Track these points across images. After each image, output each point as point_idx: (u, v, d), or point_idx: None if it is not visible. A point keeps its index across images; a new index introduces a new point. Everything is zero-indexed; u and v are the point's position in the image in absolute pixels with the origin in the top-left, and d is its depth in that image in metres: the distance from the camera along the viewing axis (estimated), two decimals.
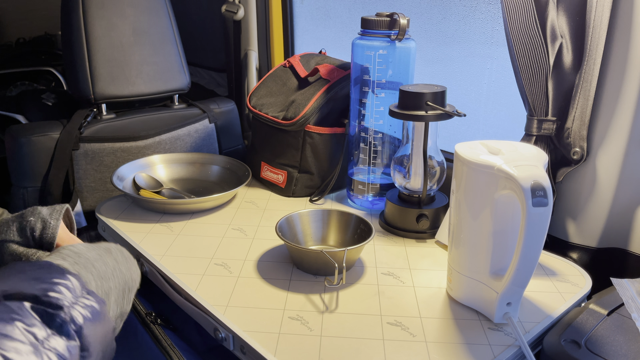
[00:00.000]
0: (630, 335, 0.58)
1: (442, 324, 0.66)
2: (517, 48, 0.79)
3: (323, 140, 1.02)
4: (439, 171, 0.88)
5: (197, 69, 1.73)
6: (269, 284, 0.74)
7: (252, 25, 1.42)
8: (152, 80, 1.15)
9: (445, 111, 0.81)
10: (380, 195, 0.98)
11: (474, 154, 0.63)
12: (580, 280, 0.75)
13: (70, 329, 0.41)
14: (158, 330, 0.76)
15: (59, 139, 1.04)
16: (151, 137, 1.14)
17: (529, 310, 0.68)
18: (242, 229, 0.90)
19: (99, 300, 0.45)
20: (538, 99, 0.81)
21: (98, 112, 1.12)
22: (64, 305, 0.41)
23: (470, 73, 1.09)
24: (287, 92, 1.07)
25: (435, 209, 0.87)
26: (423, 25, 1.13)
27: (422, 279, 0.76)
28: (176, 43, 1.20)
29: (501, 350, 0.60)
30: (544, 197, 0.56)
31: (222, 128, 1.27)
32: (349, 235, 0.82)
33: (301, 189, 1.03)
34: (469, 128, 1.12)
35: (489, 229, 0.63)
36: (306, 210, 0.83)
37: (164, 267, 0.78)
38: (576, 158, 0.81)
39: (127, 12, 1.12)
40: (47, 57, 2.10)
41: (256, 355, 0.60)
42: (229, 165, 1.11)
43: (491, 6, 1.01)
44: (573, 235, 0.85)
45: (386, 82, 0.91)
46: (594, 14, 0.74)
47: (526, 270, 0.60)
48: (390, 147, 0.96)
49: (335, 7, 1.37)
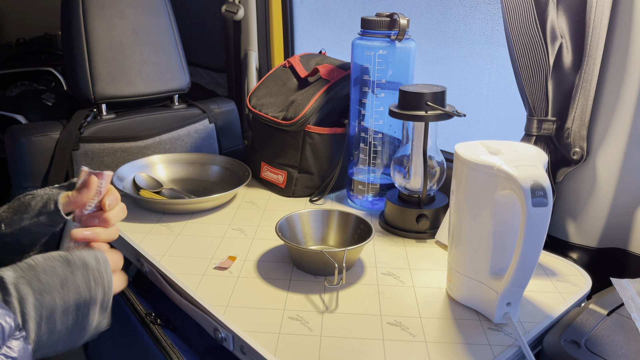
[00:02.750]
0: (630, 335, 0.58)
1: (442, 324, 0.66)
2: (517, 48, 0.79)
3: (323, 140, 1.02)
4: (438, 171, 0.88)
5: (197, 69, 1.73)
6: (269, 284, 0.74)
7: (252, 25, 1.42)
8: (152, 80, 1.15)
9: (445, 111, 0.81)
10: (380, 195, 0.98)
11: (474, 154, 0.63)
12: (580, 281, 0.75)
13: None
14: (158, 331, 0.76)
15: (59, 139, 1.04)
16: (151, 137, 1.14)
17: (529, 310, 0.68)
18: (242, 229, 0.90)
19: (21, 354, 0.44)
20: (538, 99, 0.81)
21: (98, 112, 1.12)
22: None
23: (470, 73, 1.09)
24: (287, 92, 1.07)
25: (435, 209, 0.87)
26: (423, 25, 1.13)
27: (422, 279, 0.76)
28: (176, 43, 1.20)
29: (501, 350, 0.60)
30: (544, 197, 0.56)
31: (222, 128, 1.27)
32: (349, 236, 0.82)
33: (301, 189, 1.03)
34: (469, 128, 1.12)
35: (489, 229, 0.63)
36: (306, 211, 0.83)
37: (163, 267, 0.78)
38: (576, 158, 0.81)
39: (127, 12, 1.12)
40: (47, 57, 2.10)
41: (256, 355, 0.60)
42: (229, 165, 1.11)
43: (491, 6, 1.01)
44: (573, 235, 0.85)
45: (386, 82, 0.91)
46: (594, 14, 0.74)
47: (526, 270, 0.60)
48: (390, 147, 0.96)
49: (335, 7, 1.37)
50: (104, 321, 0.54)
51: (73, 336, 0.51)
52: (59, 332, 0.49)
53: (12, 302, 0.46)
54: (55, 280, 0.49)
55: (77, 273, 0.51)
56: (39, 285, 0.48)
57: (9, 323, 0.44)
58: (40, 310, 0.48)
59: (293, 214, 0.82)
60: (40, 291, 0.48)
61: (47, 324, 0.48)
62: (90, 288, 0.51)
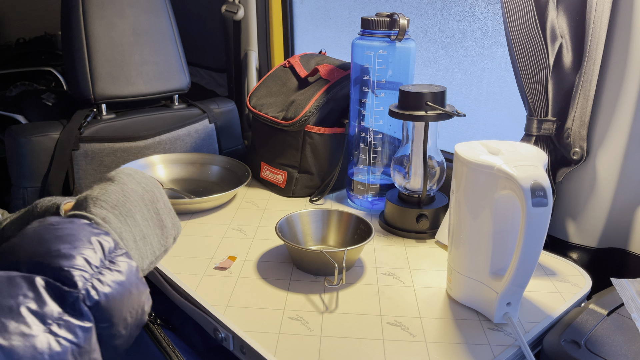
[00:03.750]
0: (630, 335, 0.58)
1: (442, 324, 0.66)
2: (517, 48, 0.79)
3: (323, 140, 1.02)
4: (438, 171, 0.88)
5: (197, 69, 1.73)
6: (269, 284, 0.74)
7: (252, 25, 1.42)
8: (152, 80, 1.15)
9: (445, 111, 0.81)
10: (380, 196, 0.98)
11: (474, 154, 0.63)
12: (580, 281, 0.75)
13: (84, 308, 0.39)
14: (157, 331, 0.76)
15: (59, 139, 1.04)
16: (151, 137, 1.14)
17: (528, 310, 0.68)
18: (242, 229, 0.90)
19: (127, 267, 0.44)
20: (538, 99, 0.81)
21: (98, 112, 1.12)
22: (78, 282, 0.40)
23: (470, 73, 1.09)
24: (287, 92, 1.07)
25: (435, 209, 0.87)
26: (423, 25, 1.13)
27: (422, 279, 0.76)
28: (176, 43, 1.20)
29: (501, 351, 0.60)
30: (544, 197, 0.56)
31: (222, 128, 1.27)
32: (349, 236, 0.82)
33: (301, 189, 1.03)
34: (469, 128, 1.12)
35: (489, 229, 0.63)
36: (306, 211, 0.83)
37: (164, 267, 0.78)
38: (576, 158, 0.81)
39: (127, 12, 1.12)
40: (47, 57, 2.10)
41: (256, 355, 0.60)
42: (229, 165, 1.11)
43: (491, 6, 1.01)
44: (573, 235, 0.85)
45: (386, 82, 0.91)
46: (594, 14, 0.74)
47: (526, 270, 0.60)
48: (390, 147, 0.96)
49: (335, 7, 1.37)
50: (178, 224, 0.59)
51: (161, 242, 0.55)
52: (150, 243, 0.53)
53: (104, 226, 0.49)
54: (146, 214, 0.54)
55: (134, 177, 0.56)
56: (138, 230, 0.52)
57: (107, 242, 0.45)
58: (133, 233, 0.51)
59: (293, 214, 0.82)
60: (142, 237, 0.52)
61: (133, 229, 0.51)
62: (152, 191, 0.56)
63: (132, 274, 0.45)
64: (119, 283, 0.43)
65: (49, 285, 0.39)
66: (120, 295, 0.42)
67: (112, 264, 0.44)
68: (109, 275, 0.42)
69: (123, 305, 0.43)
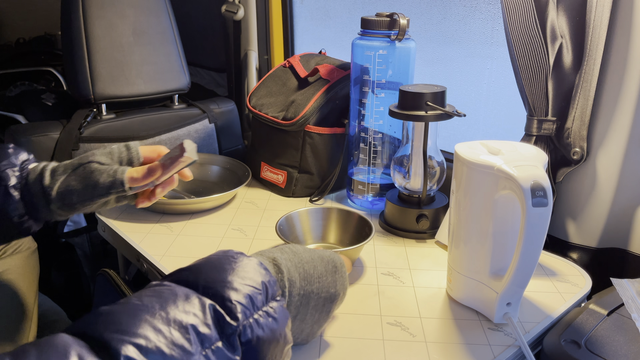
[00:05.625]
0: (630, 336, 0.58)
1: (442, 324, 0.66)
2: (517, 48, 0.79)
3: (323, 140, 1.02)
4: (438, 171, 0.88)
5: (197, 69, 1.73)
6: None
7: (252, 25, 1.42)
8: (152, 80, 1.15)
9: (445, 111, 0.81)
10: (380, 196, 0.98)
11: (474, 154, 0.63)
12: (580, 281, 0.75)
13: (237, 342, 0.42)
14: None
15: (59, 139, 1.04)
16: (151, 137, 1.14)
17: (529, 310, 0.68)
18: (242, 229, 0.90)
19: (282, 317, 0.46)
20: (538, 99, 0.81)
21: (98, 112, 1.12)
22: (240, 317, 0.42)
23: (470, 73, 1.09)
24: (287, 92, 1.07)
25: (435, 209, 0.87)
26: (423, 25, 1.13)
27: (422, 279, 0.76)
28: (176, 43, 1.20)
29: (501, 351, 0.60)
30: (544, 197, 0.56)
31: (222, 128, 1.27)
32: (349, 235, 0.82)
33: (301, 189, 1.03)
34: (469, 128, 1.12)
35: (489, 229, 0.63)
36: (306, 209, 0.83)
37: (164, 267, 0.78)
38: (576, 158, 0.81)
39: (127, 12, 1.12)
40: (47, 57, 2.10)
41: None
42: (228, 165, 1.11)
43: (491, 6, 1.01)
44: (573, 235, 0.85)
45: (386, 82, 0.91)
46: (594, 14, 0.74)
47: (526, 270, 0.60)
48: (390, 147, 0.96)
49: (335, 7, 1.37)
50: None
51: (314, 328, 0.56)
52: (306, 320, 0.54)
53: (283, 280, 0.50)
54: (315, 273, 0.54)
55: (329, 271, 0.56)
56: (304, 273, 0.53)
57: (272, 287, 0.47)
58: (301, 296, 0.52)
59: (293, 212, 0.82)
60: (305, 278, 0.53)
61: (303, 309, 0.53)
62: (337, 286, 0.56)
63: (284, 325, 0.46)
64: (272, 329, 0.45)
65: (215, 311, 0.42)
66: (269, 341, 0.44)
67: (272, 309, 0.46)
68: (265, 320, 0.44)
69: (269, 351, 0.44)
